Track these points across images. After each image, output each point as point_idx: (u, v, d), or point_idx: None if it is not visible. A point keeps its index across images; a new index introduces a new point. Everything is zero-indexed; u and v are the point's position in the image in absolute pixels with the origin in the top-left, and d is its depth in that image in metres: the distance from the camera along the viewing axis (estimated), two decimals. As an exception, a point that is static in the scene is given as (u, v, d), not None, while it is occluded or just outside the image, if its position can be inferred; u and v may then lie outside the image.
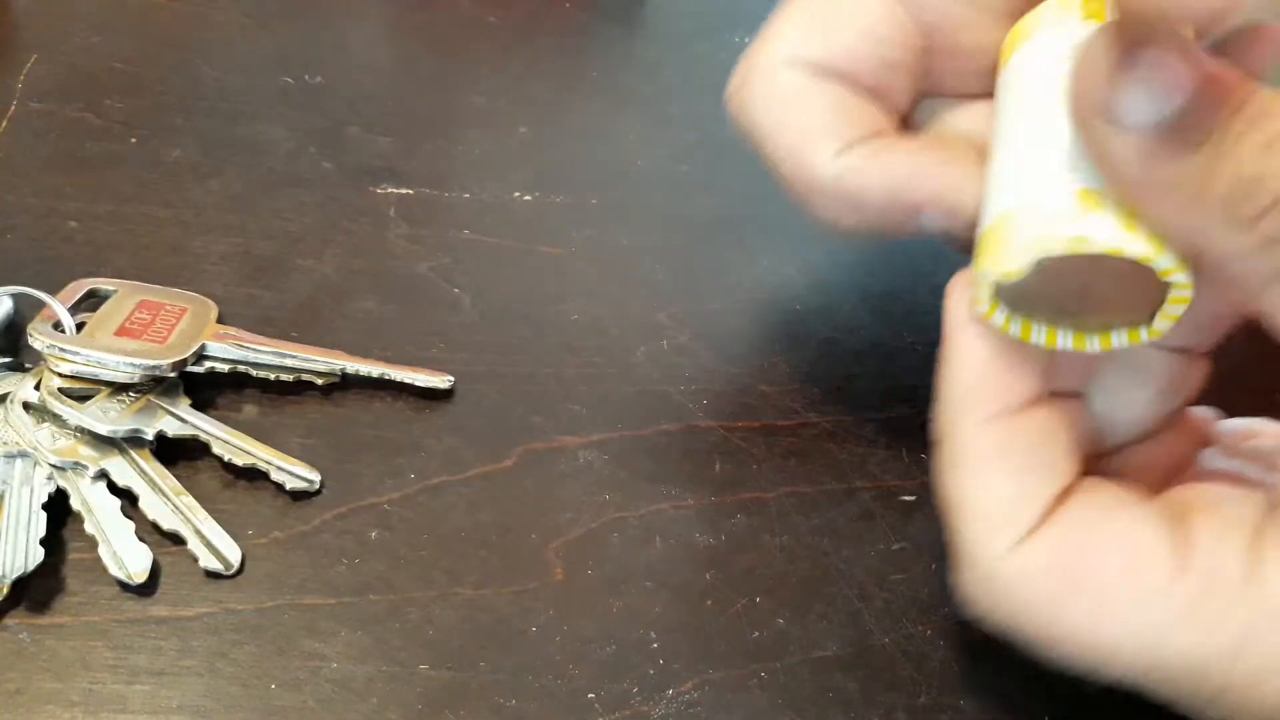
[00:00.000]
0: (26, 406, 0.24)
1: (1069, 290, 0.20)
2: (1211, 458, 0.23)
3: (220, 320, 0.27)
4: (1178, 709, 0.19)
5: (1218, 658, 0.18)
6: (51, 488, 0.23)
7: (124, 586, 0.22)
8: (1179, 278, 0.19)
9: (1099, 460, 0.23)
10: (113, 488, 0.23)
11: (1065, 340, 0.21)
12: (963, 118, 0.26)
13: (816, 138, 0.24)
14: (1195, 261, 0.18)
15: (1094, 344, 0.21)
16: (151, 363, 0.24)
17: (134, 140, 0.32)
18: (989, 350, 0.21)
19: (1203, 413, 0.25)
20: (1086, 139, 0.18)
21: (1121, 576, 0.19)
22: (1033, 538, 0.20)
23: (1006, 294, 0.20)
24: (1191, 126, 0.17)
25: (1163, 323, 0.20)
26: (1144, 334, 0.20)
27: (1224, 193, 0.17)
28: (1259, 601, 0.18)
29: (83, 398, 0.24)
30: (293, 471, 0.24)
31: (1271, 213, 0.17)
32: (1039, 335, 0.21)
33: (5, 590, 0.21)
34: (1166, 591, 0.19)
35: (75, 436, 0.24)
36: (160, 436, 0.24)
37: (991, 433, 0.21)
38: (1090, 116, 0.18)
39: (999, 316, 0.21)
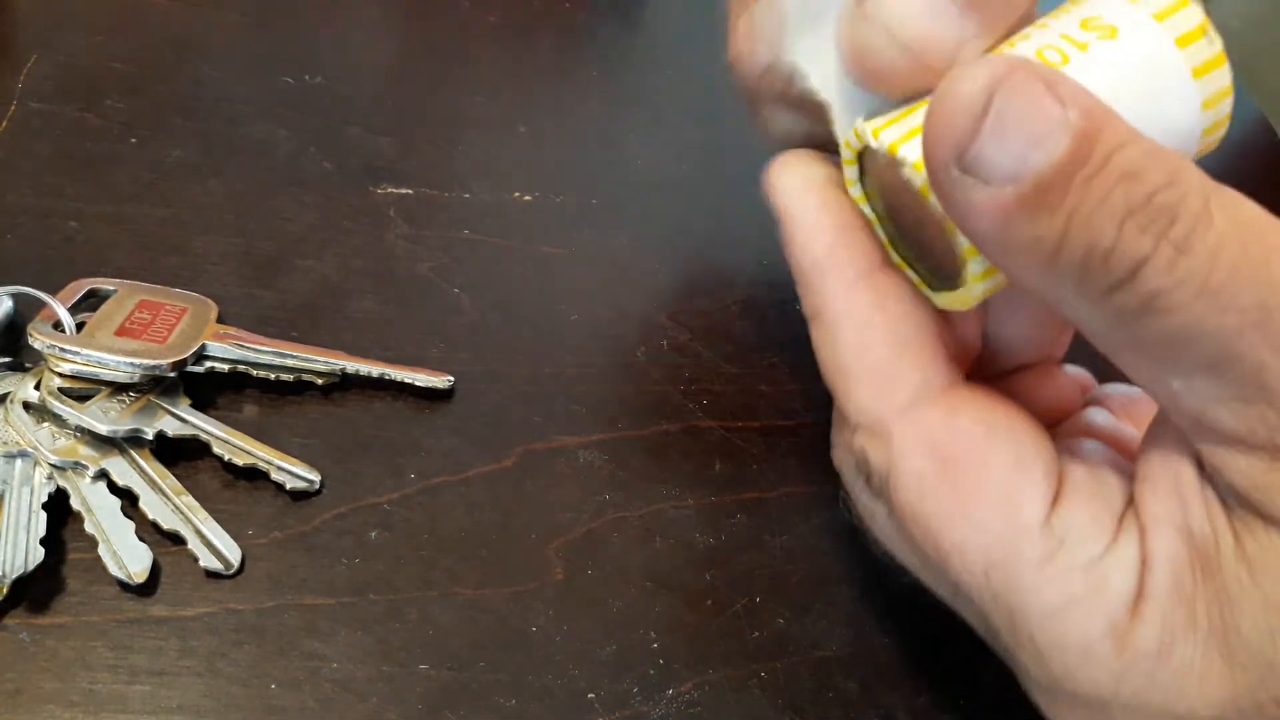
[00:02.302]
0: (26, 406, 0.24)
1: (909, 233, 0.20)
2: (1095, 414, 0.23)
3: (220, 320, 0.27)
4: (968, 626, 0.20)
5: (1043, 614, 0.18)
6: (51, 488, 0.23)
7: (124, 586, 0.22)
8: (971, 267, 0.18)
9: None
10: (113, 488, 0.23)
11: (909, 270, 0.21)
12: None
13: None
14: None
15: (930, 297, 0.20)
16: (151, 363, 0.24)
17: (134, 140, 0.32)
18: (831, 212, 0.21)
19: (1081, 374, 0.25)
20: (935, 183, 0.17)
21: (995, 496, 0.19)
22: (922, 409, 0.19)
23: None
24: (1053, 187, 0.16)
25: (968, 293, 0.19)
26: (958, 298, 0.19)
27: (1078, 262, 0.16)
28: (1098, 582, 0.18)
29: (83, 398, 0.24)
30: (293, 471, 0.24)
31: (1126, 286, 0.16)
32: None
33: (5, 590, 0.21)
34: (1025, 535, 0.18)
35: (75, 436, 0.24)
36: (160, 436, 0.24)
37: (860, 294, 0.20)
38: (944, 164, 0.16)
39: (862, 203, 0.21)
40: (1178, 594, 0.17)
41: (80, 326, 0.25)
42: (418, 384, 0.27)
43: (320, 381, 0.26)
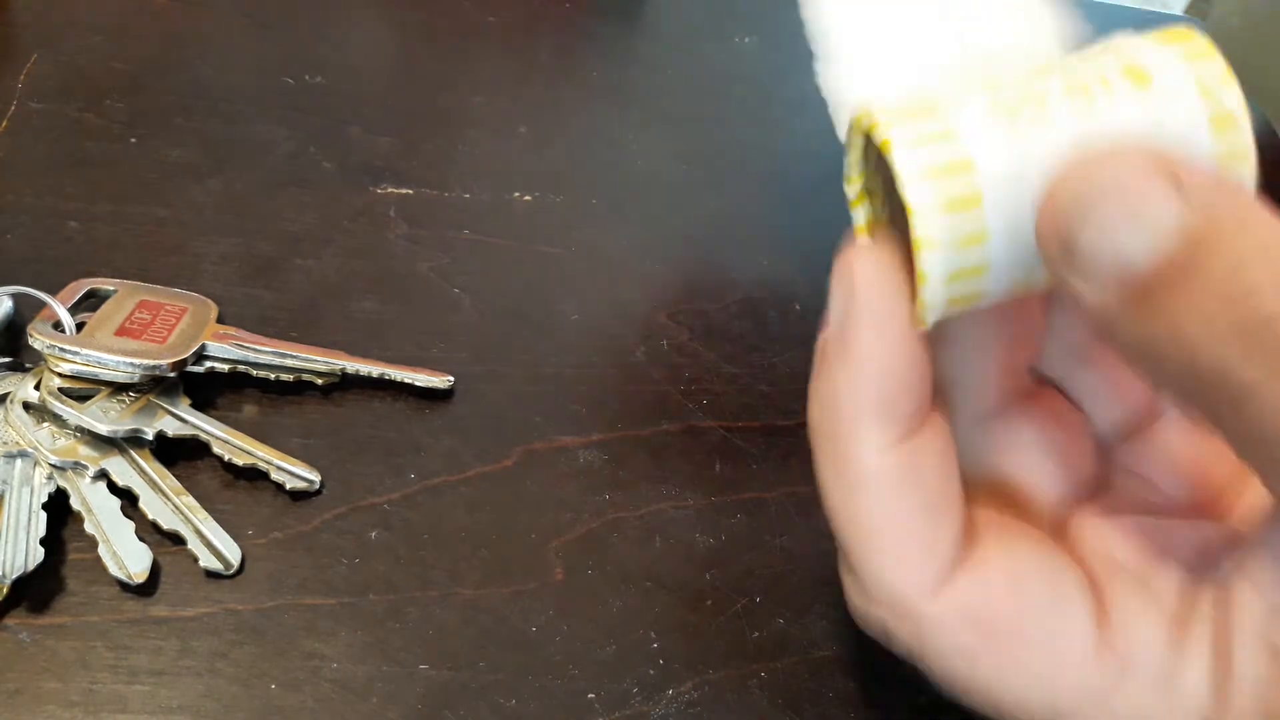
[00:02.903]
0: (26, 406, 0.24)
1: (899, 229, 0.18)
2: (1176, 422, 0.21)
3: (220, 320, 0.27)
4: None
5: None
6: (51, 488, 0.23)
7: (124, 586, 0.22)
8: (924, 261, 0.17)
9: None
10: (113, 488, 0.23)
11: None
12: None
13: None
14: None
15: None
16: (151, 363, 0.24)
17: (134, 140, 0.32)
18: (901, 356, 0.18)
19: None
20: (1047, 263, 0.16)
21: (1043, 640, 0.18)
22: (952, 584, 0.18)
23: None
24: (1154, 287, 0.14)
25: (925, 310, 0.17)
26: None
27: (1180, 373, 0.14)
28: (1172, 698, 0.17)
29: (83, 398, 0.24)
30: (293, 471, 0.24)
31: (1234, 410, 0.14)
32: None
33: (5, 590, 0.21)
34: (1084, 668, 0.18)
35: (75, 436, 0.24)
36: (160, 436, 0.24)
37: (897, 458, 0.18)
38: (1053, 245, 0.15)
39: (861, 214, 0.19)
40: (1264, 715, 0.16)
41: (80, 326, 0.25)
42: (418, 384, 0.27)
43: (320, 381, 0.26)
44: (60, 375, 0.24)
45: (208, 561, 0.22)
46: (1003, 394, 0.21)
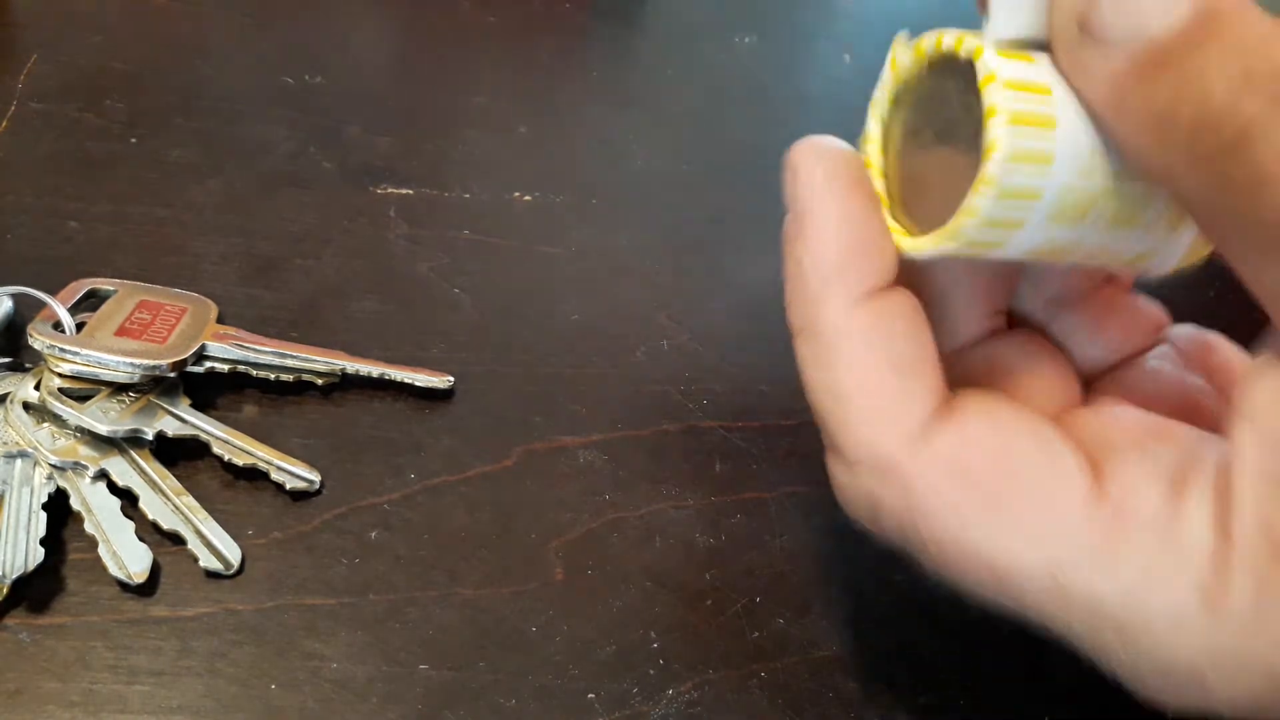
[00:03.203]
0: (26, 406, 0.24)
1: (918, 174, 0.19)
2: (1162, 358, 0.22)
3: (220, 320, 0.27)
4: (1074, 649, 0.18)
5: (1121, 594, 0.17)
6: (51, 488, 0.23)
7: (124, 586, 0.22)
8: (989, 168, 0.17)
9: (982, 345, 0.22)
10: (113, 488, 0.23)
11: (890, 218, 0.19)
12: None
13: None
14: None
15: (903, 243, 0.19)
16: (151, 363, 0.24)
17: (134, 140, 0.32)
18: (854, 219, 0.18)
19: (1154, 308, 0.23)
20: (1058, 45, 0.17)
21: (1034, 492, 0.17)
22: (933, 435, 0.18)
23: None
24: (1169, 54, 0.15)
25: (956, 225, 0.17)
26: (946, 232, 0.18)
27: (1187, 126, 0.15)
28: (1172, 545, 0.17)
29: (83, 398, 0.24)
30: (293, 471, 0.24)
31: (1237, 154, 0.15)
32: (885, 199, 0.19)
33: (5, 590, 0.21)
34: (1081, 517, 0.17)
35: (75, 436, 0.24)
36: (160, 436, 0.24)
37: (864, 315, 0.18)
38: (1065, 24, 0.17)
39: (873, 150, 0.19)
40: (1269, 542, 0.16)
41: (80, 327, 0.25)
42: (418, 384, 0.27)
43: (320, 381, 0.26)
44: (60, 375, 0.24)
45: (208, 561, 0.22)
46: (982, 327, 0.22)
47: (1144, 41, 0.16)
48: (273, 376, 0.26)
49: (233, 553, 0.23)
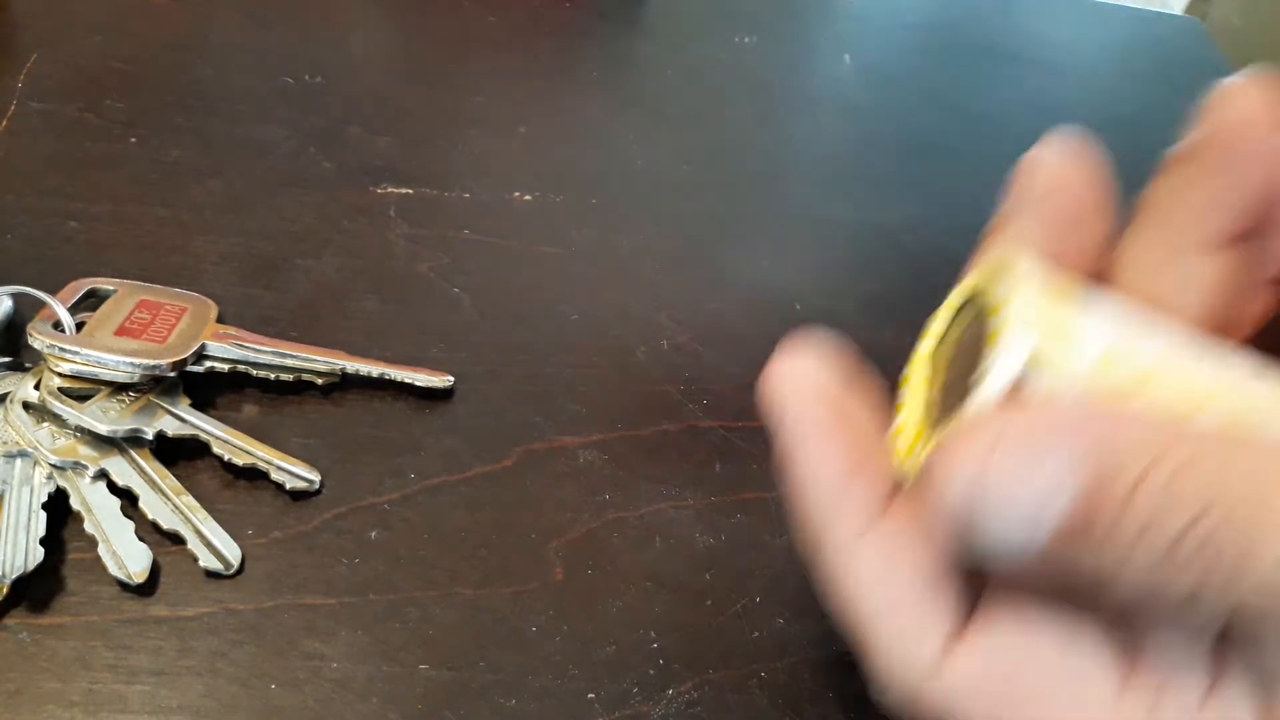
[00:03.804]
0: (26, 406, 0.24)
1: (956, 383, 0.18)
2: None
3: (220, 320, 0.27)
4: None
5: None
6: (51, 487, 0.23)
7: (124, 586, 0.22)
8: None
9: None
10: (112, 487, 0.23)
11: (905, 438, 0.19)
12: None
13: None
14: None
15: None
16: (151, 362, 0.24)
17: (134, 140, 0.32)
18: (844, 451, 0.18)
19: None
20: (959, 548, 0.16)
21: (1060, 700, 0.17)
22: (955, 658, 0.18)
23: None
24: (1070, 542, 0.15)
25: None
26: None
27: (1139, 546, 0.15)
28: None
29: (82, 397, 0.24)
30: (293, 471, 0.24)
31: (1190, 534, 0.14)
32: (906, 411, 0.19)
33: (5, 590, 0.21)
34: (1113, 708, 0.17)
35: (75, 436, 0.24)
36: (160, 436, 0.24)
37: (871, 543, 0.18)
38: (956, 533, 0.16)
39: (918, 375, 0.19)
40: None
41: (80, 326, 0.25)
42: (418, 384, 0.27)
43: (320, 381, 0.26)
44: (60, 375, 0.24)
45: (207, 561, 0.22)
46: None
47: (1040, 543, 0.15)
48: (273, 376, 0.26)
49: (233, 552, 0.23)
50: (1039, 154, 0.20)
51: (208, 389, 0.26)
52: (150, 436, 0.24)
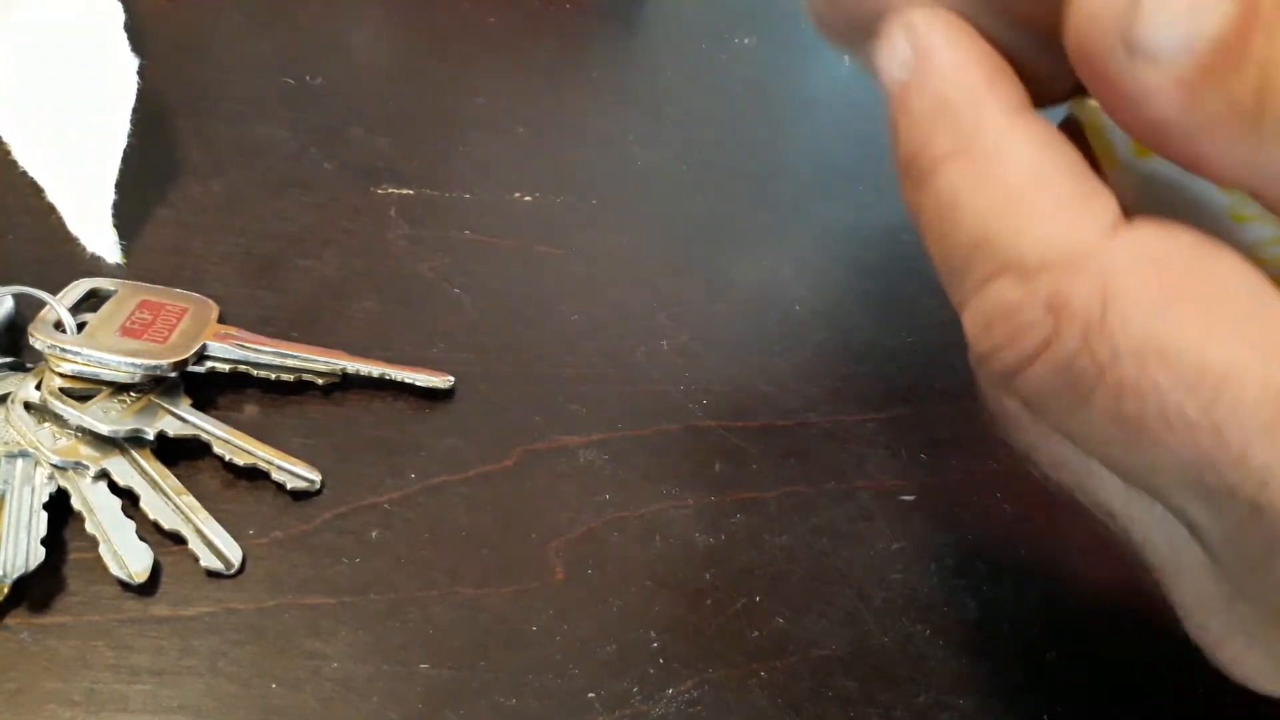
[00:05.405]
0: (27, 406, 0.24)
1: None
2: None
3: (221, 320, 0.27)
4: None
5: None
6: (52, 487, 0.23)
7: (125, 586, 0.22)
8: None
9: None
10: (113, 487, 0.23)
11: None
12: None
13: None
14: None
15: None
16: (152, 363, 0.24)
17: (134, 140, 0.32)
18: (993, 53, 0.17)
19: None
20: (1100, 79, 0.15)
21: (1252, 301, 0.15)
22: (1131, 227, 0.16)
23: None
24: (1234, 43, 0.14)
25: None
26: None
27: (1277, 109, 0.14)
28: None
29: (84, 398, 0.24)
30: (293, 471, 0.24)
31: None
32: None
33: (6, 590, 0.21)
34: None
35: (76, 436, 0.24)
36: (161, 436, 0.24)
37: (1029, 121, 0.17)
38: (1107, 51, 0.15)
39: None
40: None
41: (81, 326, 0.25)
42: (418, 384, 0.27)
43: (321, 381, 0.26)
44: (61, 375, 0.24)
45: (208, 561, 0.22)
46: None
47: (1204, 40, 0.14)
48: (273, 376, 0.26)
49: (233, 552, 0.23)
50: None
51: (209, 389, 0.26)
52: (151, 437, 0.24)
